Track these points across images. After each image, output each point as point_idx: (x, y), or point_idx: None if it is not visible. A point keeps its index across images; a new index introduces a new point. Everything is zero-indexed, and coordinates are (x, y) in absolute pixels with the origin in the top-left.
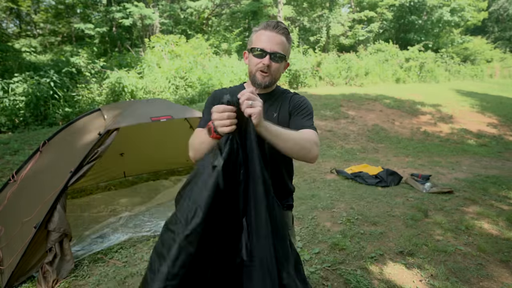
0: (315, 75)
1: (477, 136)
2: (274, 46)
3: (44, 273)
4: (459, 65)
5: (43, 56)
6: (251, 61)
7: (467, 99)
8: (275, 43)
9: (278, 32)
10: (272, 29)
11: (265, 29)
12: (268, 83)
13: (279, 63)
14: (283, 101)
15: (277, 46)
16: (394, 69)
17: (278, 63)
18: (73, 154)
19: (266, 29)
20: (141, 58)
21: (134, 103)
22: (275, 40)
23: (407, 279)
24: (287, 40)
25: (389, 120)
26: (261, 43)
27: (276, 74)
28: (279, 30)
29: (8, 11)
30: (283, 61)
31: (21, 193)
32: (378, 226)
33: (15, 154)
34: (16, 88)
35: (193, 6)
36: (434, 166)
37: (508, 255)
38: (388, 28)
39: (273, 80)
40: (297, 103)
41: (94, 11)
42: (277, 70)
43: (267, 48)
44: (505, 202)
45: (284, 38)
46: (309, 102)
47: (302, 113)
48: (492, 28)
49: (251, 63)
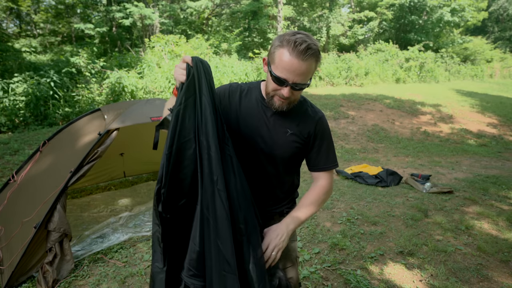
0: (315, 75)
1: (477, 136)
2: (297, 78)
3: (44, 273)
4: (459, 65)
5: (43, 56)
6: (269, 82)
7: (467, 99)
8: (300, 74)
9: (307, 59)
10: (300, 55)
11: (291, 53)
12: (286, 109)
13: (300, 90)
14: (302, 120)
15: (301, 76)
16: (394, 69)
17: (299, 91)
18: (73, 154)
19: (293, 52)
20: (141, 58)
21: (134, 103)
22: (300, 71)
23: (407, 279)
24: (316, 62)
25: (389, 120)
26: (283, 71)
27: (295, 99)
28: (307, 56)
29: (8, 11)
30: (306, 87)
31: (21, 193)
32: (378, 226)
33: (15, 154)
34: (16, 88)
35: (193, 6)
36: (434, 166)
37: (508, 255)
38: (388, 28)
39: (291, 104)
40: (324, 131)
41: (94, 11)
42: (298, 95)
43: (289, 79)
44: (505, 202)
45: (312, 63)
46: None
47: (329, 146)
48: (492, 28)
49: (269, 84)
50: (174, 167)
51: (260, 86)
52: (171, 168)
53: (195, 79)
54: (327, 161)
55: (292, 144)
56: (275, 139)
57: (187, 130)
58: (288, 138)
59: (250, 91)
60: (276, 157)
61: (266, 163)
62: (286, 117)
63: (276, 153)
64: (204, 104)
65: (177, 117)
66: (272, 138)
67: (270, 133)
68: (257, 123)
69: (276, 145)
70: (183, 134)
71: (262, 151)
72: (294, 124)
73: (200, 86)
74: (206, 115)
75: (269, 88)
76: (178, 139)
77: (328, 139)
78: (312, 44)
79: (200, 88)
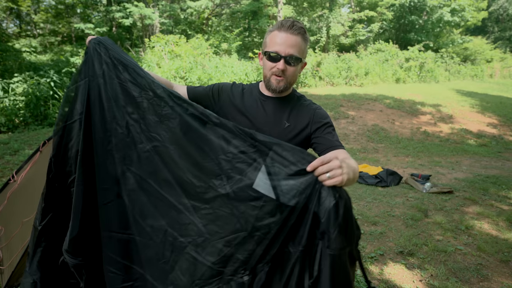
0: (315, 75)
1: (477, 136)
2: (289, 49)
3: None
4: (459, 65)
5: (43, 56)
6: (265, 64)
7: (467, 99)
8: (290, 45)
9: (293, 33)
10: (287, 30)
11: (279, 30)
12: (283, 88)
13: (295, 66)
14: (300, 111)
15: (292, 48)
16: (394, 69)
17: (293, 66)
18: None
19: (280, 29)
20: (141, 58)
21: None
22: (290, 42)
23: (407, 279)
24: (304, 40)
25: (389, 120)
26: (275, 46)
27: (292, 78)
28: (294, 30)
29: (8, 11)
30: (299, 63)
31: (21, 193)
32: (378, 226)
33: (15, 154)
34: (16, 88)
35: (193, 6)
36: (434, 166)
37: (508, 255)
38: (388, 28)
39: (288, 85)
40: (323, 118)
41: (94, 11)
42: (293, 73)
43: (281, 51)
44: (505, 202)
45: (300, 38)
46: (329, 116)
47: (329, 130)
48: (492, 28)
49: (265, 67)
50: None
51: (259, 84)
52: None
53: (88, 62)
54: (335, 142)
55: (289, 135)
56: (272, 132)
57: (73, 114)
58: (286, 130)
59: (250, 88)
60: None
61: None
62: (283, 111)
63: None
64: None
65: (66, 96)
66: (270, 130)
67: (267, 125)
68: (255, 116)
69: (274, 136)
70: (69, 116)
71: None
72: (291, 117)
73: (92, 70)
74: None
75: (265, 71)
76: (66, 119)
77: (329, 126)
78: (297, 22)
79: (91, 73)
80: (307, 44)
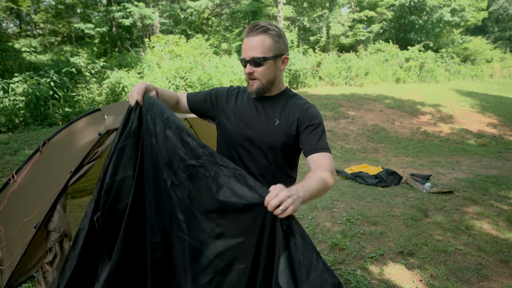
0: (315, 75)
1: (477, 136)
2: (250, 52)
3: (44, 273)
4: (459, 65)
5: (43, 56)
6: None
7: (467, 99)
8: (251, 48)
9: (254, 34)
10: (249, 34)
11: (245, 36)
12: (259, 89)
13: (261, 66)
14: (291, 108)
15: (253, 50)
16: (394, 69)
17: (260, 66)
18: (73, 154)
19: (244, 36)
20: (141, 58)
21: None
22: (250, 45)
23: (407, 279)
24: (270, 36)
25: (389, 120)
26: (242, 52)
27: (265, 77)
28: (255, 30)
29: (8, 11)
30: (268, 61)
31: (21, 193)
32: (378, 226)
33: (15, 154)
34: (16, 88)
35: (193, 6)
36: (434, 166)
37: (508, 255)
38: (388, 28)
39: (263, 85)
40: (313, 118)
41: (94, 11)
42: (264, 73)
43: (245, 56)
44: (505, 202)
45: (262, 37)
46: (321, 116)
47: (318, 131)
48: (492, 28)
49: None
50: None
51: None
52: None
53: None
54: (319, 144)
55: (280, 132)
56: (264, 129)
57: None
58: (277, 128)
59: (244, 90)
60: (265, 146)
61: (256, 153)
62: (274, 109)
63: (266, 142)
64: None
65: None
66: (262, 128)
67: (260, 123)
68: (248, 116)
69: (266, 134)
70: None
71: (253, 142)
72: (282, 114)
73: (143, 128)
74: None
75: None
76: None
77: (317, 127)
78: (261, 23)
79: (143, 130)
80: (276, 38)
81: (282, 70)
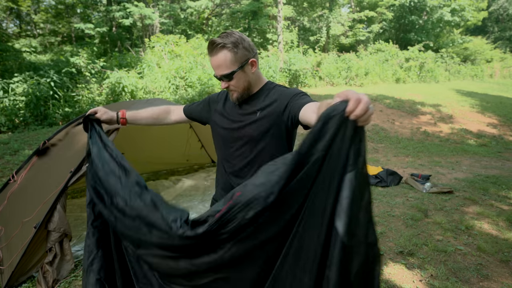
0: (315, 75)
1: (477, 136)
2: (217, 70)
3: (44, 273)
4: (459, 65)
5: (43, 56)
6: None
7: (467, 99)
8: (216, 67)
9: (215, 53)
10: (210, 53)
11: (208, 55)
12: (238, 98)
13: (233, 79)
14: (269, 97)
15: (218, 68)
16: (394, 69)
17: (232, 80)
18: (73, 154)
19: (208, 54)
20: (141, 58)
21: (134, 103)
22: (216, 63)
23: (407, 279)
24: (228, 50)
25: (389, 120)
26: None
27: (240, 87)
28: (214, 49)
29: (8, 11)
30: (237, 73)
31: (21, 193)
32: (378, 226)
33: (15, 154)
34: (16, 88)
35: (193, 6)
36: (434, 166)
37: (508, 255)
38: (388, 28)
39: (241, 93)
40: (290, 95)
41: (94, 11)
42: (237, 84)
43: (216, 74)
44: (505, 202)
45: (222, 53)
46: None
47: (298, 98)
48: (492, 28)
49: None
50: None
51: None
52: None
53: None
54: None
55: (261, 122)
56: (246, 122)
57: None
58: (257, 117)
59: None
60: (247, 137)
61: (243, 147)
62: (255, 103)
63: (247, 133)
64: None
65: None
66: (244, 121)
67: (244, 120)
68: (234, 116)
69: (246, 126)
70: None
71: (241, 138)
72: (265, 105)
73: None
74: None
75: None
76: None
77: (297, 96)
78: (217, 40)
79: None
80: (235, 50)
81: (254, 72)
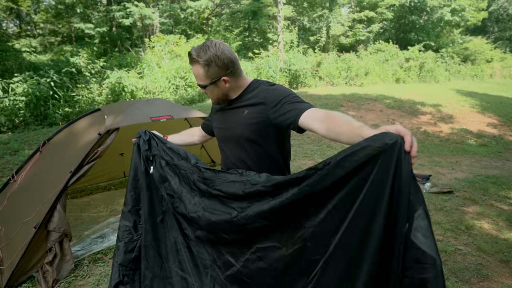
0: (315, 75)
1: (477, 136)
2: (197, 79)
3: (44, 273)
4: (459, 65)
5: (43, 56)
6: None
7: (467, 99)
8: (194, 75)
9: (191, 64)
10: (189, 62)
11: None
12: (214, 103)
13: (208, 90)
14: (258, 95)
15: (196, 78)
16: (394, 69)
17: (207, 90)
18: (73, 154)
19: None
20: (141, 58)
21: (134, 103)
22: (193, 72)
23: None
24: (200, 66)
25: (389, 120)
26: None
27: (215, 96)
28: (190, 60)
29: (8, 11)
30: (209, 86)
31: (21, 193)
32: None
33: (15, 154)
34: (16, 88)
35: (193, 6)
36: (434, 166)
37: (508, 255)
38: (388, 28)
39: (217, 101)
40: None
41: (94, 11)
42: (212, 94)
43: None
44: (505, 202)
45: (195, 66)
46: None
47: (286, 105)
48: (492, 28)
49: None
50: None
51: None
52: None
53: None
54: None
55: (250, 120)
56: (236, 122)
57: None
58: (246, 116)
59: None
60: (240, 137)
61: (233, 146)
62: (242, 101)
63: (238, 132)
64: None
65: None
66: (235, 121)
67: (234, 119)
68: (227, 116)
69: (237, 126)
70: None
71: (233, 138)
72: (252, 103)
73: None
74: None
75: None
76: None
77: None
78: (193, 53)
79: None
80: (206, 67)
81: (228, 86)
